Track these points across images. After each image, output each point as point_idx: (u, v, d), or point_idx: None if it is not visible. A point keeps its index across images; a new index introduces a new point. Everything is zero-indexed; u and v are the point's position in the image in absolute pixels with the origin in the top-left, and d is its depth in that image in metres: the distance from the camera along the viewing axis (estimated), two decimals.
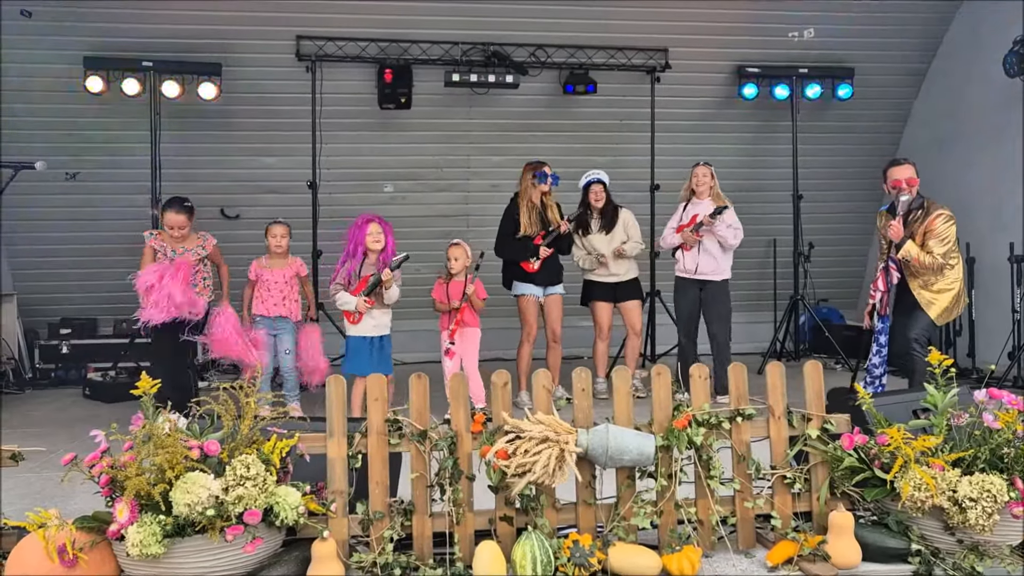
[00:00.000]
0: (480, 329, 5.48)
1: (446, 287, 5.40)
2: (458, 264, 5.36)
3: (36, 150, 6.62)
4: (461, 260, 5.36)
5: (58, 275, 7.75)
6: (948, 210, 4.81)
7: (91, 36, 6.89)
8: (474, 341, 5.43)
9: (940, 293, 4.84)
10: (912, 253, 4.75)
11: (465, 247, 5.42)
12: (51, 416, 5.94)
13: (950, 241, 4.77)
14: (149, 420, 2.61)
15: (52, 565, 2.41)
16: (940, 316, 4.86)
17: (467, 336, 5.37)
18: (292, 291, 5.51)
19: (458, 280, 5.36)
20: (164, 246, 5.34)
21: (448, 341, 5.32)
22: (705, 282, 5.91)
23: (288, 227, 5.62)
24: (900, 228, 4.79)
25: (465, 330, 5.35)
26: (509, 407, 2.91)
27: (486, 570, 2.65)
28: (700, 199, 5.97)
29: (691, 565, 2.74)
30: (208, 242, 5.45)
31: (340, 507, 2.78)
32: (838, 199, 8.48)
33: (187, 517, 2.47)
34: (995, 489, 2.72)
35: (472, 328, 5.41)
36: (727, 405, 3.07)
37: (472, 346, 5.42)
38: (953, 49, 7.85)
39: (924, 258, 4.74)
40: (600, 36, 7.56)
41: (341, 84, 7.45)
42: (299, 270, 5.59)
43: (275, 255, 5.53)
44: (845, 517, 2.82)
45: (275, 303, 5.44)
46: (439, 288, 5.45)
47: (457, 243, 5.46)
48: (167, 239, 5.37)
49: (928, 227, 4.77)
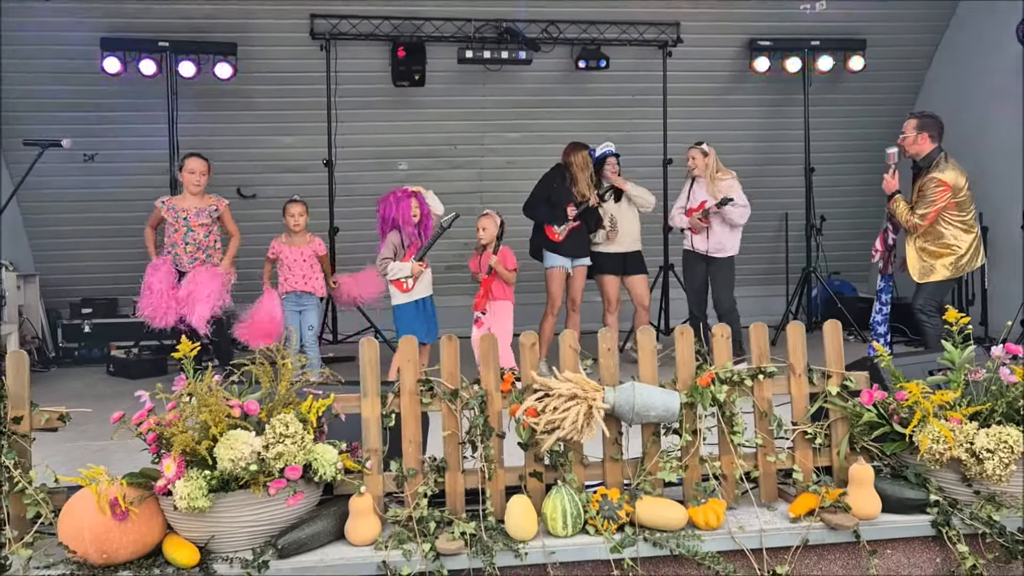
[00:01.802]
0: (512, 302, 5.43)
1: (479, 258, 5.45)
2: (486, 234, 5.38)
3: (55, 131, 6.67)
4: (490, 230, 5.38)
5: (78, 255, 7.87)
6: (949, 176, 4.84)
7: (108, 17, 6.97)
8: (506, 315, 5.33)
9: (937, 258, 4.92)
10: (895, 208, 4.89)
11: (494, 216, 5.44)
12: (78, 392, 6.07)
13: (936, 205, 4.83)
14: (192, 380, 2.70)
15: (104, 519, 2.50)
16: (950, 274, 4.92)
17: (497, 310, 5.31)
18: (315, 268, 5.62)
19: (489, 251, 5.41)
20: (175, 211, 5.58)
21: (478, 312, 5.36)
22: (711, 258, 6.04)
23: (305, 205, 5.69)
24: (892, 181, 4.91)
25: (495, 303, 5.32)
26: (537, 366, 2.99)
27: (518, 523, 2.74)
28: (700, 178, 6.10)
29: (716, 517, 2.83)
30: (221, 202, 5.70)
31: (375, 464, 2.87)
32: (850, 172, 8.50)
33: (231, 472, 2.56)
34: (1012, 440, 2.79)
35: (503, 301, 5.35)
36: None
37: (504, 320, 5.30)
38: (965, 19, 7.84)
39: (903, 215, 4.87)
40: (612, 11, 7.59)
41: (355, 63, 7.51)
42: (317, 249, 5.68)
43: (294, 233, 5.62)
44: (865, 469, 2.90)
45: (298, 280, 5.55)
46: (473, 261, 5.51)
47: (487, 213, 5.49)
48: (178, 200, 5.64)
49: (922, 187, 4.89)
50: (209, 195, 5.78)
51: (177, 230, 5.63)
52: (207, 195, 5.76)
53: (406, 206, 5.27)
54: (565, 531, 2.75)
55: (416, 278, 5.26)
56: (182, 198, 5.75)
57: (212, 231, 5.66)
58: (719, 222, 6.00)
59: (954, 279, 5.07)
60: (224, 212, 5.70)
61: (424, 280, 5.34)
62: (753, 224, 6.26)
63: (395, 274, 5.27)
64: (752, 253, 7.34)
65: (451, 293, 6.92)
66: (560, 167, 6.16)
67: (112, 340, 7.24)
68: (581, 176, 6.05)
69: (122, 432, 2.71)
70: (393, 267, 5.27)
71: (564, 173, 6.09)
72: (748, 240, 6.25)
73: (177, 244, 5.65)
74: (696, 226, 6.02)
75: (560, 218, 5.95)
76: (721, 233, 6.04)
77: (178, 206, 5.65)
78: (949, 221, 4.88)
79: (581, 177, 6.05)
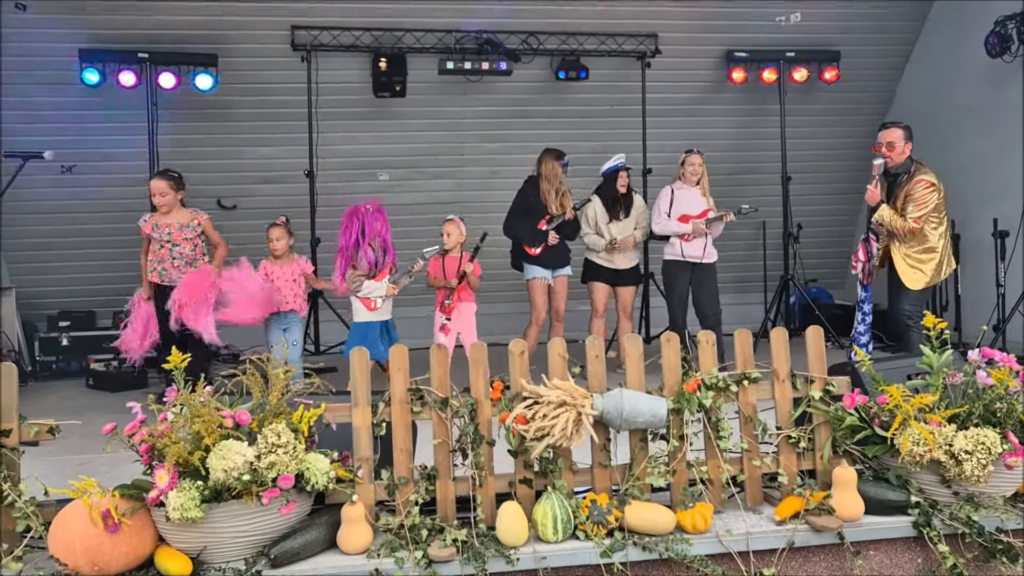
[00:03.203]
0: (475, 304, 5.57)
1: (442, 262, 5.50)
2: (451, 240, 5.47)
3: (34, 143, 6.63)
4: (454, 236, 5.49)
5: (56, 268, 7.80)
6: (933, 177, 4.93)
7: (87, 28, 6.93)
8: (470, 316, 5.52)
9: (924, 263, 4.97)
10: (885, 217, 4.92)
11: (459, 223, 5.55)
12: (57, 405, 6.02)
13: (928, 207, 4.89)
14: (183, 391, 2.70)
15: (95, 531, 2.49)
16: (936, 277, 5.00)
17: (463, 311, 5.47)
18: (299, 287, 5.65)
19: (452, 256, 5.47)
20: (157, 228, 5.52)
21: (444, 317, 5.42)
22: (696, 264, 6.11)
23: (284, 227, 5.66)
24: (875, 192, 4.96)
25: (460, 305, 5.46)
26: (527, 374, 3.02)
27: (509, 529, 2.77)
28: (688, 186, 6.16)
29: (704, 520, 2.87)
30: (200, 216, 5.65)
31: (367, 473, 2.89)
32: (826, 180, 8.66)
33: (223, 483, 2.57)
34: (989, 442, 2.87)
35: (467, 303, 5.50)
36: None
37: (468, 321, 5.51)
38: (936, 31, 8.03)
39: (896, 221, 4.90)
40: (591, 23, 7.68)
41: (336, 73, 7.53)
42: (304, 268, 5.69)
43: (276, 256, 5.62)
44: (848, 472, 2.96)
45: (284, 299, 5.56)
46: (435, 263, 5.54)
47: (451, 219, 5.59)
48: (159, 217, 5.56)
49: (908, 191, 4.91)
50: (188, 209, 5.72)
51: (163, 246, 5.56)
52: (186, 210, 5.69)
53: (384, 223, 5.29)
54: (556, 536, 2.79)
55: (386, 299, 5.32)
56: (163, 214, 5.64)
57: (198, 244, 5.61)
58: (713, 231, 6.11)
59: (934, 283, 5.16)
60: (206, 225, 5.66)
61: (388, 304, 5.39)
62: (731, 232, 6.36)
63: (369, 293, 5.29)
64: (730, 261, 7.42)
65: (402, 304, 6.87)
66: (534, 179, 6.17)
67: (90, 353, 7.16)
68: (548, 187, 6.01)
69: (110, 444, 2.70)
70: (368, 285, 5.30)
71: (538, 185, 6.10)
72: (726, 248, 6.35)
73: (164, 260, 5.56)
74: (697, 231, 6.09)
75: (540, 237, 5.96)
76: (709, 240, 6.16)
77: (160, 222, 5.57)
78: (931, 224, 4.96)
79: (548, 188, 6.01)
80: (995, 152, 7.13)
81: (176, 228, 5.57)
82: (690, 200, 6.17)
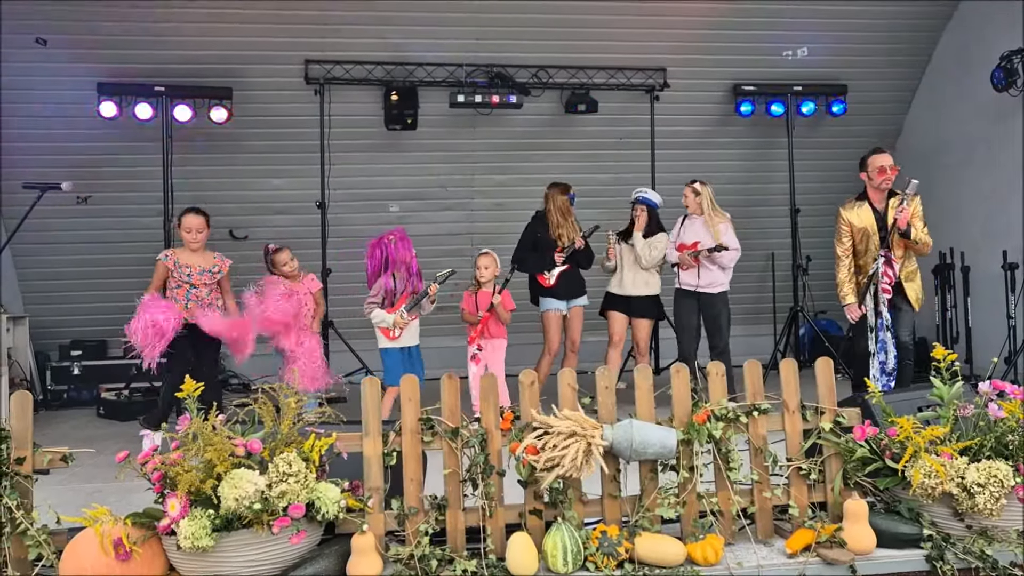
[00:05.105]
0: (506, 340, 5.55)
1: (475, 297, 5.50)
2: (487, 272, 5.45)
3: (50, 175, 6.73)
4: (491, 269, 5.45)
5: (68, 297, 7.87)
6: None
7: (104, 63, 7.05)
8: (500, 351, 5.50)
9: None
10: (921, 236, 5.20)
11: (494, 256, 5.52)
12: (68, 434, 6.03)
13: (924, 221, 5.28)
14: (196, 419, 2.72)
15: (107, 559, 2.51)
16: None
17: (494, 347, 5.47)
18: (308, 307, 5.68)
19: (486, 290, 5.46)
20: (179, 266, 5.47)
21: (475, 347, 5.41)
22: (701, 294, 6.11)
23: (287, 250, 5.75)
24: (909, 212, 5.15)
25: (491, 341, 5.45)
26: (537, 404, 3.03)
27: (519, 560, 2.77)
28: (696, 215, 6.20)
29: (715, 553, 2.86)
30: (224, 264, 5.62)
31: (377, 503, 2.89)
32: (834, 212, 8.61)
33: (234, 512, 2.58)
34: (1002, 474, 2.86)
35: (498, 339, 5.49)
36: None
37: (498, 356, 5.48)
38: (942, 65, 8.09)
39: (926, 238, 5.21)
40: (600, 57, 7.77)
41: (348, 107, 7.62)
42: (311, 286, 5.75)
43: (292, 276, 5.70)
44: (860, 505, 2.95)
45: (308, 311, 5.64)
46: (468, 299, 5.54)
47: (486, 252, 5.55)
48: (182, 254, 5.53)
49: (915, 211, 5.19)
50: (212, 252, 5.65)
51: (180, 285, 5.44)
52: (209, 252, 5.63)
53: (408, 249, 5.32)
54: (565, 568, 2.78)
55: (402, 328, 5.31)
56: (185, 252, 5.55)
57: (214, 289, 5.53)
58: (709, 263, 6.09)
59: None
60: (225, 274, 5.60)
61: (411, 329, 5.38)
62: (740, 264, 6.35)
63: (378, 322, 5.32)
64: (740, 292, 7.40)
65: (439, 334, 6.94)
66: (541, 214, 6.18)
67: (102, 382, 7.20)
68: (560, 220, 6.02)
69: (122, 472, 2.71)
70: (378, 314, 5.33)
71: (545, 220, 6.10)
72: (736, 280, 6.32)
73: (179, 300, 5.42)
74: (685, 262, 6.10)
75: (549, 264, 5.98)
76: (711, 268, 6.13)
77: (183, 261, 5.47)
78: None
79: (560, 221, 6.01)
80: (1003, 184, 7.14)
81: (198, 272, 5.47)
82: (693, 231, 6.20)
